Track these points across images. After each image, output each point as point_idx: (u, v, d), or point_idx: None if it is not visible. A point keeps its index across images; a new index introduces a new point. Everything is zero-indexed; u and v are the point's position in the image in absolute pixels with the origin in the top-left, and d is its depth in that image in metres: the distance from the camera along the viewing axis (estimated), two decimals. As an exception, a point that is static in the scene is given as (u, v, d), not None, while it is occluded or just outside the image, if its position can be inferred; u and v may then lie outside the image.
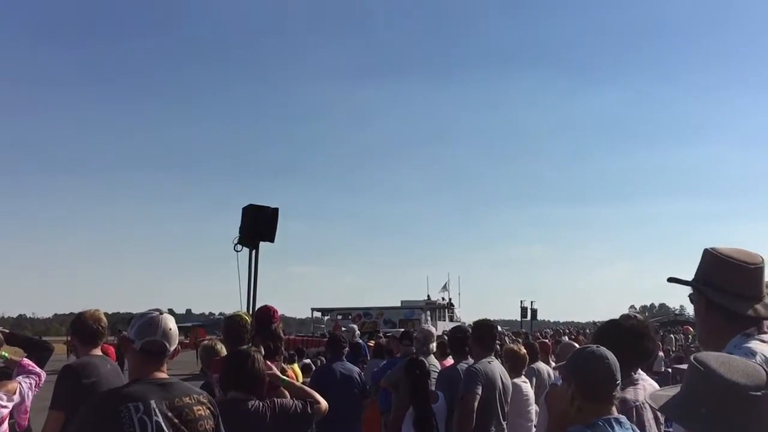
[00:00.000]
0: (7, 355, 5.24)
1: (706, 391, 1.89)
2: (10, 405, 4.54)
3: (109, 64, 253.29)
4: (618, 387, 3.07)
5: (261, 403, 4.15)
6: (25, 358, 4.98)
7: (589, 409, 3.03)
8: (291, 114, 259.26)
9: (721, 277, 2.67)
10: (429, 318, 44.43)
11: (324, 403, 4.50)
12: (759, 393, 1.86)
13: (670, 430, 4.13)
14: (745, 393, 1.85)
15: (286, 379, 4.70)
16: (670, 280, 2.83)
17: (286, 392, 4.60)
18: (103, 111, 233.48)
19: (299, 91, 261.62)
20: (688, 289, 2.82)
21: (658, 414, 3.66)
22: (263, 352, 5.84)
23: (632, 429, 3.09)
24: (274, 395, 4.44)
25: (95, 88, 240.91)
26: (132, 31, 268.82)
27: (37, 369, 4.96)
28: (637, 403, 3.55)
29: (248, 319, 5.69)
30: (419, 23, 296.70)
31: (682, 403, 1.98)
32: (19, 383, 4.70)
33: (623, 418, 3.08)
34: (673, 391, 2.09)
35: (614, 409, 3.06)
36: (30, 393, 4.76)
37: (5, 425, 4.46)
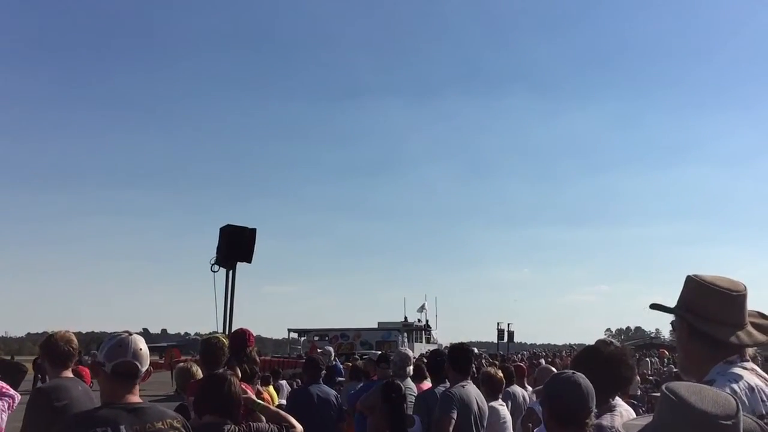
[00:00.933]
0: None
1: (678, 421, 1.89)
2: None
3: (85, 78, 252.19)
4: (591, 414, 3.11)
5: (237, 428, 4.09)
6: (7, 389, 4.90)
7: None
8: (269, 132, 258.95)
9: (704, 305, 2.66)
10: (406, 340, 44.45)
11: (299, 427, 4.46)
12: (729, 422, 1.86)
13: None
14: (716, 422, 1.85)
15: (262, 403, 4.65)
16: (653, 306, 2.82)
17: (262, 416, 4.55)
18: (79, 126, 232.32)
19: (278, 109, 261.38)
20: (665, 314, 2.82)
21: None
22: (239, 375, 5.80)
23: None
24: (250, 419, 4.40)
25: (72, 103, 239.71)
26: (106, 43, 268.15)
27: (11, 391, 4.87)
28: (613, 430, 3.57)
29: (225, 341, 5.65)
30: (395, 45, 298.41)
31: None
32: None
33: None
34: (645, 420, 2.09)
35: None
36: (4, 415, 4.68)
37: None
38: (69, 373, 4.89)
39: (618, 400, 3.85)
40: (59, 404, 4.52)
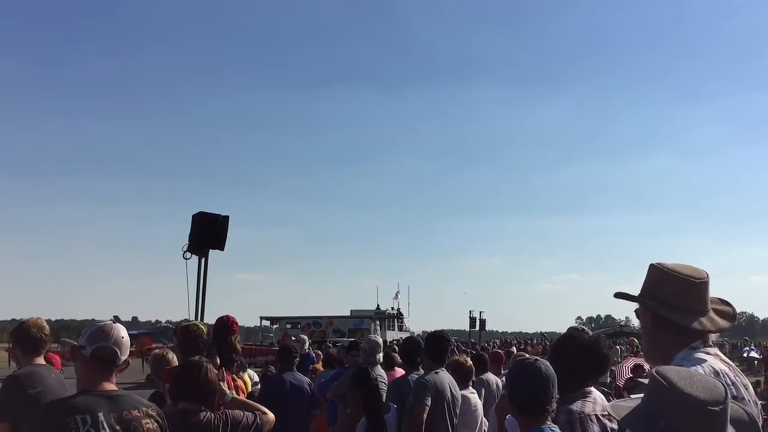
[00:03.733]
0: None
1: (666, 405, 1.94)
2: None
3: (57, 66, 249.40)
4: (553, 400, 3.17)
5: (213, 415, 4.10)
6: None
7: (523, 421, 3.16)
8: (241, 120, 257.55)
9: (667, 292, 2.71)
10: (378, 327, 44.57)
11: (271, 416, 4.48)
12: (717, 408, 1.90)
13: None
14: (704, 408, 1.89)
15: (232, 394, 4.65)
16: (617, 295, 2.88)
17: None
18: (46, 113, 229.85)
19: (251, 97, 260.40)
20: (634, 303, 2.87)
21: (609, 427, 3.74)
22: (217, 363, 5.82)
23: None
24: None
25: (41, 91, 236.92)
26: (78, 32, 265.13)
27: None
28: (583, 415, 3.61)
29: (204, 329, 5.66)
30: (370, 34, 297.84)
31: (641, 415, 2.01)
32: None
33: (555, 427, 3.19)
34: (633, 402, 2.13)
35: (549, 420, 3.16)
36: None
37: None
38: (42, 360, 4.87)
39: (592, 388, 3.92)
40: (33, 391, 4.51)
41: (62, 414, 3.04)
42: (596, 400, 3.78)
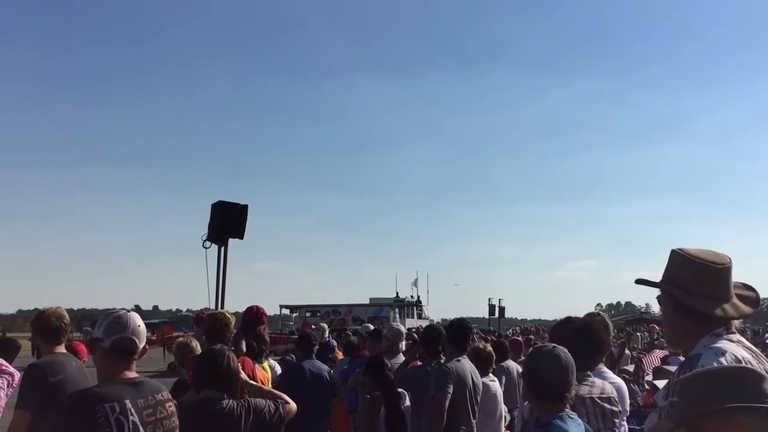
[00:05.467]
0: None
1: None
2: None
3: (80, 60, 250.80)
4: (571, 387, 3.16)
5: (236, 403, 4.12)
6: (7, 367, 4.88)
7: (542, 407, 3.14)
8: (259, 111, 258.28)
9: (689, 278, 2.68)
10: (397, 315, 44.64)
11: (293, 404, 4.49)
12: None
13: (635, 427, 4.19)
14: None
15: (255, 383, 4.67)
16: (639, 281, 2.85)
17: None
18: (70, 108, 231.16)
19: (268, 88, 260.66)
20: (655, 289, 2.84)
21: (609, 410, 3.73)
22: (243, 351, 5.87)
23: (583, 424, 3.20)
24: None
25: (64, 86, 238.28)
26: (100, 27, 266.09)
27: (11, 368, 4.87)
28: (576, 398, 3.61)
29: (231, 317, 5.73)
30: (386, 22, 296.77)
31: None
32: None
33: (574, 414, 3.18)
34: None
35: (568, 407, 3.15)
36: (2, 392, 4.69)
37: None
38: (62, 349, 4.90)
39: (605, 370, 3.92)
40: (54, 379, 4.54)
41: (91, 403, 3.05)
42: (594, 383, 3.78)
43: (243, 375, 4.66)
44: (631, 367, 13.23)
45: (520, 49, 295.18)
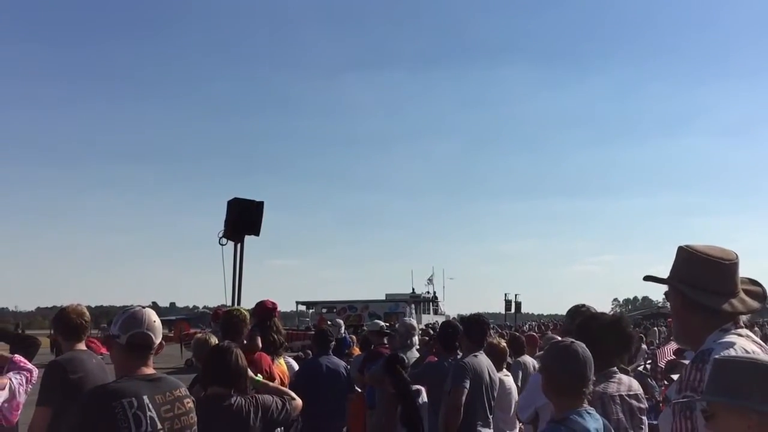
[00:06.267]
0: None
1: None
2: (0, 401, 4.53)
3: (96, 59, 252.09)
4: (589, 383, 3.16)
5: (244, 399, 4.14)
6: (16, 354, 4.95)
7: (560, 403, 3.14)
8: (275, 107, 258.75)
9: (696, 274, 2.69)
10: (414, 311, 44.57)
11: (299, 401, 4.50)
12: None
13: (654, 422, 4.20)
14: None
15: (261, 380, 4.68)
16: (647, 278, 2.86)
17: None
18: (87, 105, 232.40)
19: (284, 84, 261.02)
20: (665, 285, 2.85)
21: (636, 407, 3.74)
22: (259, 346, 5.92)
23: (601, 419, 3.20)
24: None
25: (82, 83, 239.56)
26: (118, 26, 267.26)
27: (29, 365, 4.93)
28: (605, 396, 3.62)
29: (247, 313, 5.78)
30: (405, 17, 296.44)
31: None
32: (10, 379, 4.68)
33: (592, 410, 3.19)
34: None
35: (585, 402, 3.16)
36: (21, 389, 4.74)
37: None
38: (83, 346, 4.95)
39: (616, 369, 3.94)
40: (74, 376, 4.59)
41: (108, 399, 3.06)
42: (621, 380, 3.78)
43: (249, 372, 4.70)
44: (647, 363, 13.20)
45: (534, 41, 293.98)
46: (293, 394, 4.51)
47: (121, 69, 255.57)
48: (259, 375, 4.84)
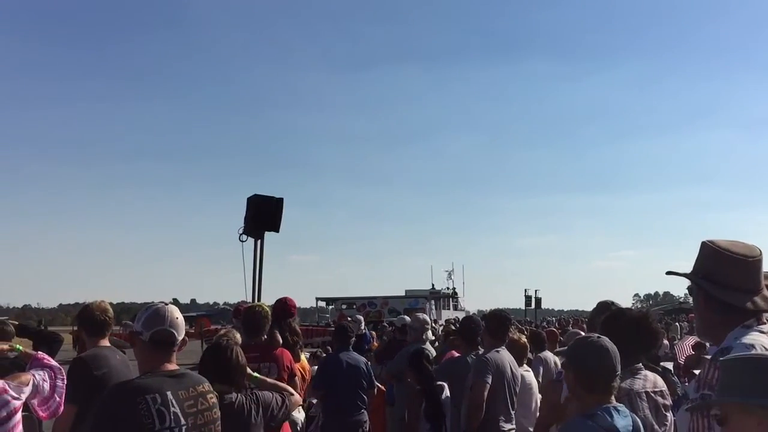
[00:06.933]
0: (21, 347, 5.28)
1: None
2: (23, 397, 4.57)
3: (115, 57, 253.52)
4: (617, 378, 3.13)
5: (244, 396, 4.14)
6: (40, 351, 4.99)
7: (588, 399, 3.11)
8: (294, 103, 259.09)
9: (719, 271, 2.66)
10: (433, 307, 44.56)
11: (298, 397, 4.49)
12: None
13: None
14: None
15: (258, 376, 4.65)
16: (669, 273, 2.85)
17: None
18: (106, 102, 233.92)
19: (302, 80, 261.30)
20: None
21: (661, 404, 3.72)
22: (280, 342, 5.94)
23: (631, 416, 3.16)
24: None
25: (101, 80, 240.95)
26: (136, 23, 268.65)
27: (53, 362, 4.97)
28: (632, 392, 3.60)
29: (268, 310, 5.81)
30: (423, 12, 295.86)
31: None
32: (33, 375, 4.73)
33: (621, 407, 3.15)
34: None
35: (613, 398, 3.13)
36: (45, 384, 4.78)
37: (18, 416, 4.49)
38: (106, 342, 5.00)
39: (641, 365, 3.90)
40: (99, 373, 4.65)
41: (132, 395, 3.09)
42: (647, 377, 3.76)
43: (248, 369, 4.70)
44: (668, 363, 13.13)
45: (553, 35, 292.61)
46: (292, 390, 4.49)
47: (139, 66, 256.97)
48: (255, 372, 4.82)
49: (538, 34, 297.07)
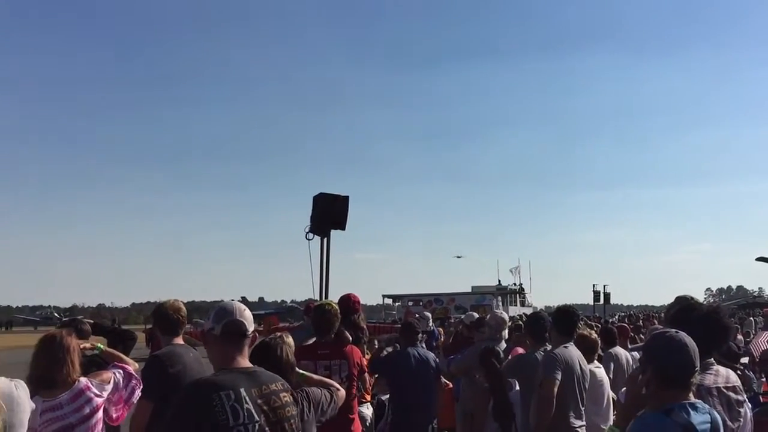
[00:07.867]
0: (102, 346, 5.44)
1: None
2: (104, 394, 4.71)
3: (188, 61, 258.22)
4: (696, 373, 3.07)
5: (296, 393, 4.15)
6: (126, 366, 5.09)
7: (665, 394, 3.05)
8: (360, 100, 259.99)
9: None
10: (500, 303, 44.33)
11: (343, 392, 4.47)
12: None
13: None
14: None
15: (303, 373, 4.67)
16: (760, 259, 2.79)
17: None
18: (186, 107, 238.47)
19: (368, 77, 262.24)
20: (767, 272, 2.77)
21: (734, 399, 3.64)
22: (349, 339, 5.99)
23: (709, 413, 3.09)
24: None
25: (177, 86, 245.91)
26: (209, 25, 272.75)
27: (130, 368, 5.06)
28: (701, 388, 3.53)
29: (337, 308, 5.86)
30: (484, 8, 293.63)
31: None
32: (113, 374, 4.86)
33: (700, 403, 3.08)
34: None
35: (691, 394, 3.07)
36: (122, 384, 4.91)
37: (100, 413, 4.63)
38: (180, 340, 5.11)
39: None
40: (173, 370, 4.75)
41: (207, 392, 3.12)
42: (718, 372, 3.68)
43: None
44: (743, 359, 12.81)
45: (621, 27, 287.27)
46: (337, 386, 4.50)
47: (210, 69, 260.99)
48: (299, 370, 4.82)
49: (607, 28, 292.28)
